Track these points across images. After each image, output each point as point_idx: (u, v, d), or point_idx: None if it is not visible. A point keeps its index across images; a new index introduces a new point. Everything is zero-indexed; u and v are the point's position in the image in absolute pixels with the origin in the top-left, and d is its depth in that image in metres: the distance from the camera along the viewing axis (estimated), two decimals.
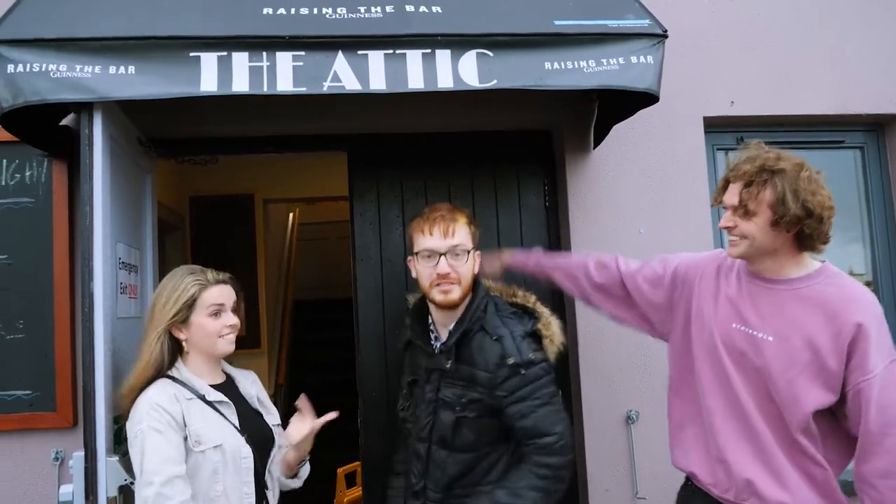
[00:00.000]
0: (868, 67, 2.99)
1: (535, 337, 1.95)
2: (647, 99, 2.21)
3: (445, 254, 1.89)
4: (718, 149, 3.01)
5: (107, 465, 1.90)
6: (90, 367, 1.91)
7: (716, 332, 1.77)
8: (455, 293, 1.90)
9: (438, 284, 1.90)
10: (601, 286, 2.11)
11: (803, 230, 1.61)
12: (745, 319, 1.73)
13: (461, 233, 1.93)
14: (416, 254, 1.95)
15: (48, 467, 2.45)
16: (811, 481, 1.66)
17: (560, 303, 2.88)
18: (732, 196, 1.69)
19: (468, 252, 1.93)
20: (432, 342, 2.02)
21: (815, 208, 1.58)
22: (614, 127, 2.82)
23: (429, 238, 1.92)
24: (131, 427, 1.73)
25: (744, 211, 1.65)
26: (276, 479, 1.95)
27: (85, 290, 1.93)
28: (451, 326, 1.96)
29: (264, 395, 2.04)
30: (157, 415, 1.71)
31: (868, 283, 3.08)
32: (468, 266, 1.93)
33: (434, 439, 1.96)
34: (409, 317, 2.10)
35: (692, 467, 1.83)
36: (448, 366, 1.92)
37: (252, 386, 1.99)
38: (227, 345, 1.88)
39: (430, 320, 2.05)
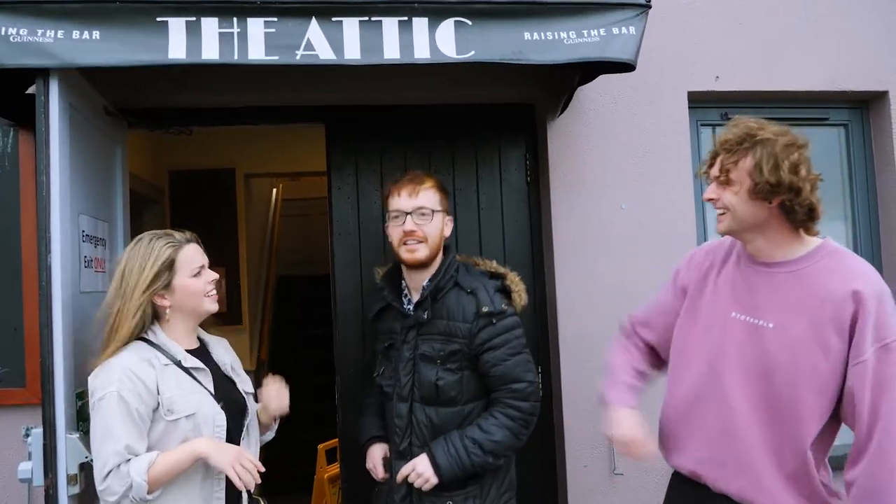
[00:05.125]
0: (855, 44, 2.96)
1: (505, 292, 2.09)
2: (622, 67, 2.16)
3: (411, 213, 2.01)
4: (702, 124, 2.97)
5: (66, 442, 1.86)
6: (48, 342, 1.86)
7: (713, 322, 1.71)
8: (421, 252, 2.01)
9: (405, 243, 2.01)
10: (652, 356, 1.96)
11: (783, 202, 1.55)
12: (745, 307, 1.66)
13: (427, 194, 2.04)
14: (388, 214, 2.08)
15: (18, 444, 2.41)
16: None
17: (541, 283, 2.86)
18: (717, 165, 1.64)
19: (433, 213, 2.03)
20: (405, 305, 2.10)
21: (787, 177, 1.51)
22: (598, 102, 2.78)
23: (397, 199, 2.04)
24: (99, 387, 1.67)
25: (725, 179, 1.60)
26: (255, 442, 1.92)
27: (42, 263, 1.87)
28: (423, 284, 2.05)
29: (237, 363, 2.02)
30: (129, 382, 1.66)
31: None
32: (434, 226, 2.03)
33: (416, 397, 2.02)
34: (383, 281, 2.16)
35: (690, 465, 1.74)
36: (425, 316, 2.01)
37: (225, 353, 1.96)
38: (213, 303, 1.86)
39: (402, 285, 2.15)
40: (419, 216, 2.02)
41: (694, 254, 1.90)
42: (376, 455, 2.19)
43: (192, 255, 1.83)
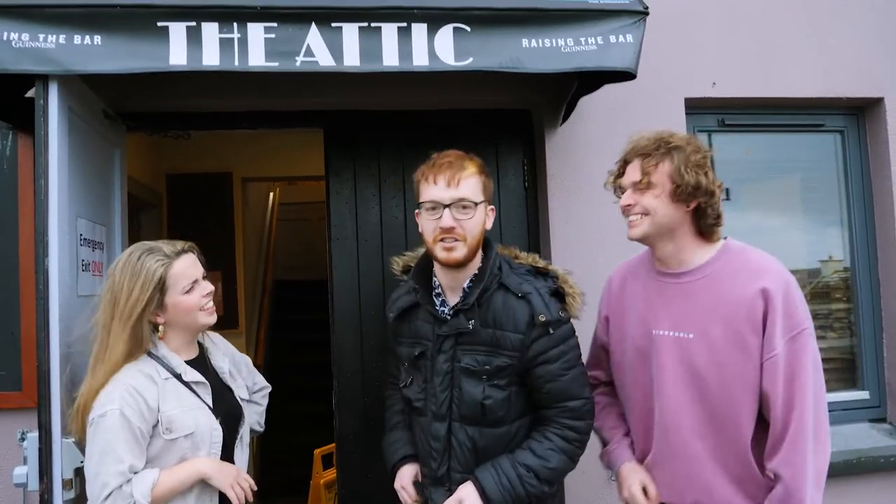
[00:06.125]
0: (850, 51, 2.98)
1: (559, 295, 1.81)
2: (624, 75, 2.17)
3: (450, 206, 1.69)
4: (700, 130, 2.99)
5: (62, 447, 1.85)
6: (44, 345, 1.85)
7: (636, 342, 1.76)
8: (459, 251, 1.70)
9: (442, 240, 1.70)
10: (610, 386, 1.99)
11: (699, 205, 1.63)
12: (664, 322, 1.70)
13: (469, 182, 1.71)
14: (421, 204, 1.75)
15: (14, 448, 2.40)
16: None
17: None
18: (634, 171, 1.69)
19: (476, 205, 1.71)
20: (438, 307, 1.81)
21: (705, 181, 1.61)
22: (595, 107, 2.79)
23: (433, 187, 1.71)
24: (99, 404, 1.66)
25: (646, 183, 1.64)
26: (246, 448, 1.92)
27: (39, 266, 1.86)
28: (465, 286, 1.77)
29: (238, 359, 2.03)
30: (132, 399, 1.65)
31: (844, 269, 3.10)
32: (476, 221, 1.72)
33: (455, 416, 1.75)
34: (413, 279, 1.85)
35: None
36: (470, 326, 1.72)
37: (223, 358, 1.95)
38: (208, 316, 1.81)
39: (434, 283, 1.85)
40: (460, 210, 1.69)
41: (609, 280, 1.95)
42: (406, 476, 1.89)
43: (184, 270, 1.76)
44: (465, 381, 1.73)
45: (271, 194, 7.16)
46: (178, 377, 1.76)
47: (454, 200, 1.69)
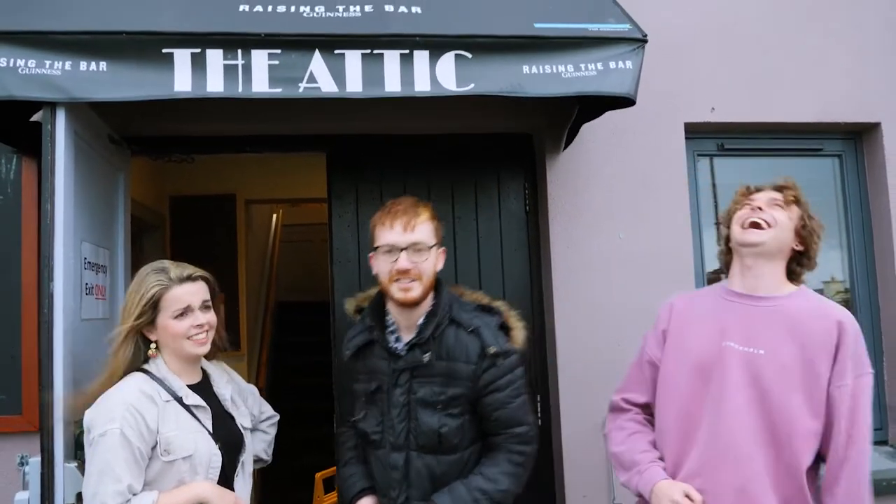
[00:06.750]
0: (848, 76, 3.01)
1: (505, 329, 1.93)
2: (624, 102, 2.20)
3: (406, 249, 1.81)
4: (699, 155, 3.01)
5: (65, 472, 1.84)
6: (48, 370, 1.85)
7: (700, 353, 1.79)
8: (415, 291, 1.82)
9: (398, 280, 1.82)
10: (651, 421, 1.97)
11: (806, 249, 1.78)
12: (737, 338, 1.75)
13: (423, 228, 1.84)
14: (376, 248, 1.86)
15: (13, 472, 2.39)
16: None
17: (540, 312, 2.87)
18: (771, 194, 1.81)
19: (430, 248, 1.85)
20: (393, 344, 1.91)
21: (820, 232, 1.81)
22: (596, 132, 2.81)
23: (389, 232, 1.83)
24: (100, 423, 1.65)
25: (786, 203, 1.78)
26: (249, 477, 1.91)
27: (44, 291, 1.87)
28: (419, 322, 1.88)
29: (243, 386, 2.04)
30: (132, 419, 1.64)
31: (845, 290, 3.10)
32: (430, 262, 1.85)
33: (413, 445, 1.85)
34: (369, 317, 1.95)
35: None
36: (426, 360, 1.84)
37: (226, 386, 1.94)
38: (196, 346, 1.79)
39: (388, 321, 1.95)
40: (415, 252, 1.81)
41: (670, 302, 1.97)
42: None
43: (179, 296, 1.77)
44: (422, 412, 1.84)
45: (274, 216, 7.19)
46: (179, 400, 1.76)
47: (410, 244, 1.81)
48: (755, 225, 1.76)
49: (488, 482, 1.82)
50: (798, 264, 1.81)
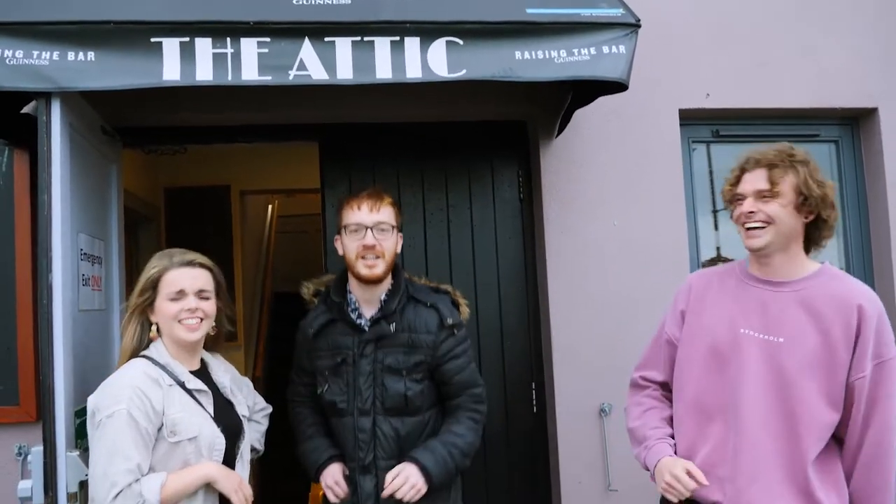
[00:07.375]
0: (844, 60, 2.99)
1: (455, 305, 2.18)
2: (617, 87, 2.19)
3: (372, 227, 2.00)
4: (694, 141, 3.00)
5: (66, 461, 1.86)
6: (49, 360, 1.86)
7: (716, 337, 1.77)
8: (379, 268, 2.01)
9: (364, 257, 2.00)
10: (669, 397, 1.97)
11: (819, 217, 1.69)
12: (755, 324, 1.72)
13: (386, 210, 2.04)
14: (344, 227, 2.04)
15: (11, 462, 2.40)
16: None
17: (535, 299, 2.87)
18: (758, 180, 1.71)
19: (393, 228, 2.04)
20: (356, 319, 2.07)
21: (830, 194, 1.69)
22: (590, 119, 2.80)
23: (356, 212, 2.02)
24: (106, 405, 1.67)
25: (775, 192, 1.68)
26: (247, 464, 1.93)
27: (43, 282, 1.88)
28: (382, 298, 2.07)
29: (238, 378, 2.06)
30: (139, 401, 1.67)
31: None
32: (391, 242, 2.05)
33: (379, 410, 2.02)
34: (335, 294, 2.10)
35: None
36: (392, 329, 2.03)
37: (224, 374, 1.97)
38: (186, 331, 1.80)
39: (350, 299, 2.11)
40: (379, 231, 2.00)
41: (689, 281, 1.96)
42: (337, 472, 2.07)
43: (175, 279, 1.81)
44: (388, 378, 2.02)
45: (270, 206, 7.17)
46: (182, 385, 1.78)
47: (375, 223, 2.00)
48: (752, 227, 1.73)
49: (457, 437, 2.04)
50: (816, 231, 1.73)
